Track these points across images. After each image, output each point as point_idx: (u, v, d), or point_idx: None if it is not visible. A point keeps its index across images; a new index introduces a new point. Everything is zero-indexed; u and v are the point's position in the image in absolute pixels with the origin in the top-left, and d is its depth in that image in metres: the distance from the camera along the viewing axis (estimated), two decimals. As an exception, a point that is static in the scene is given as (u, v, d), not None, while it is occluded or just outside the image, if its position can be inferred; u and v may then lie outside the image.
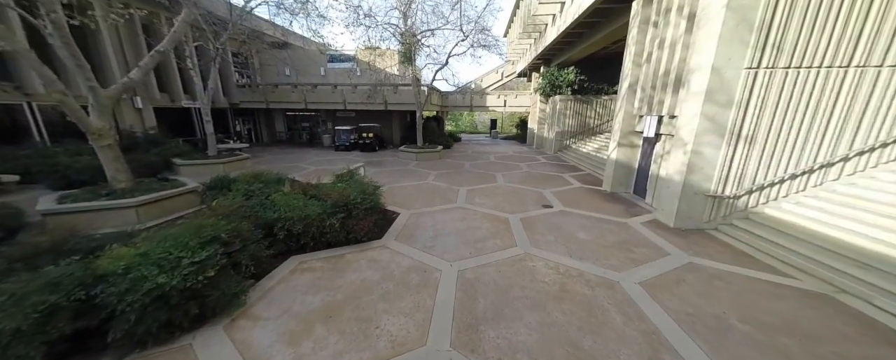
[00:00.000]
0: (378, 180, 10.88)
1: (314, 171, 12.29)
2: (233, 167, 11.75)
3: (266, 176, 7.32)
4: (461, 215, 7.09)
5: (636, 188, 8.75)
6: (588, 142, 16.21)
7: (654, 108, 7.42)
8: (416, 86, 15.28)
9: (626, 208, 7.68)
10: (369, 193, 6.00)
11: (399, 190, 9.34)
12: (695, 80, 5.77)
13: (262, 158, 15.22)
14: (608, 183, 9.30)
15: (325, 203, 5.29)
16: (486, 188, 9.59)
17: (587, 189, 9.56)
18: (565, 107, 16.92)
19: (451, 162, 14.79)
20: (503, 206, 7.76)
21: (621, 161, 8.87)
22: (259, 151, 17.96)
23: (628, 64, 8.40)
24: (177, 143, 12.99)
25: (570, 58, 16.39)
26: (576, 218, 6.88)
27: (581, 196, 8.74)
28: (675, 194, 6.22)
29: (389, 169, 12.82)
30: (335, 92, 18.45)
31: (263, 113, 22.30)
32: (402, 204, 7.88)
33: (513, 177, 11.30)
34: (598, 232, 6.06)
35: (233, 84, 18.68)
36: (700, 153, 5.82)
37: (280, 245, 4.92)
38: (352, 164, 14.43)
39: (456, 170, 12.71)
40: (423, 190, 9.36)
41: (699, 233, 6.04)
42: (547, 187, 9.83)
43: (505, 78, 27.19)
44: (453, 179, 10.94)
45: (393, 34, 13.54)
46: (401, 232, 6.05)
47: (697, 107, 5.68)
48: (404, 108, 18.75)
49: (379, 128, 20.45)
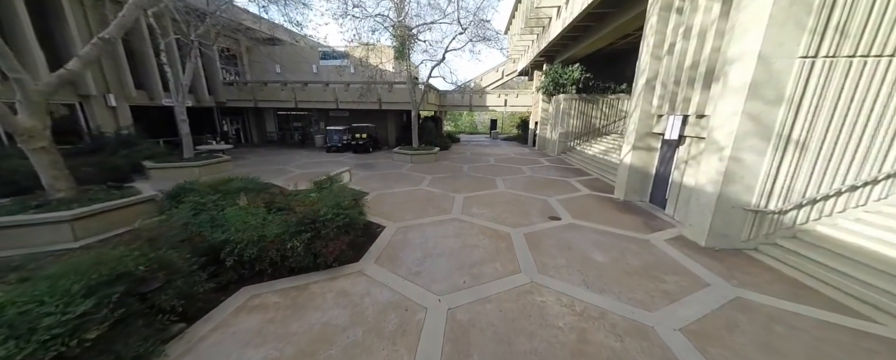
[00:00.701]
0: (367, 186, 10.02)
1: (299, 175, 11.35)
2: (210, 171, 10.83)
3: (233, 183, 6.37)
4: (456, 228, 6.14)
5: (653, 197, 7.81)
6: (594, 144, 15.27)
7: (677, 106, 6.48)
8: (411, 84, 14.33)
9: (645, 220, 6.74)
10: (346, 206, 5.04)
11: (388, 197, 8.39)
12: (734, 72, 4.82)
13: (247, 161, 14.28)
14: (621, 190, 8.35)
15: (290, 220, 4.35)
16: (486, 196, 8.64)
17: (597, 197, 8.61)
18: (569, 106, 15.98)
19: (448, 165, 13.85)
20: (504, 217, 6.81)
21: (636, 166, 7.92)
22: (246, 152, 17.02)
23: (646, 57, 7.46)
24: (151, 144, 12.05)
25: (575, 54, 15.45)
26: (588, 233, 5.93)
27: (591, 205, 7.79)
28: (706, 207, 5.27)
29: (381, 172, 11.87)
30: (326, 90, 17.52)
31: (253, 112, 21.36)
32: (390, 215, 6.93)
33: (514, 182, 10.36)
34: (618, 252, 5.11)
35: (219, 82, 17.74)
36: (740, 160, 4.87)
37: (229, 274, 3.98)
38: (340, 166, 13.51)
39: (453, 174, 11.77)
40: (415, 197, 8.41)
41: (737, 255, 5.09)
42: (552, 193, 8.88)
43: (505, 76, 26.25)
44: (449, 184, 9.99)
45: (385, 27, 12.59)
46: (383, 252, 5.09)
47: (738, 104, 4.73)
48: (400, 107, 17.81)
49: (373, 128, 19.49)
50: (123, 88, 13.10)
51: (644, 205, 7.81)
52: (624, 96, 15.68)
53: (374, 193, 8.88)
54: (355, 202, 6.06)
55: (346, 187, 7.67)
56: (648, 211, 7.34)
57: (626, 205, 7.84)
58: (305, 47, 19.92)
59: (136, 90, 13.64)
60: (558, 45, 15.61)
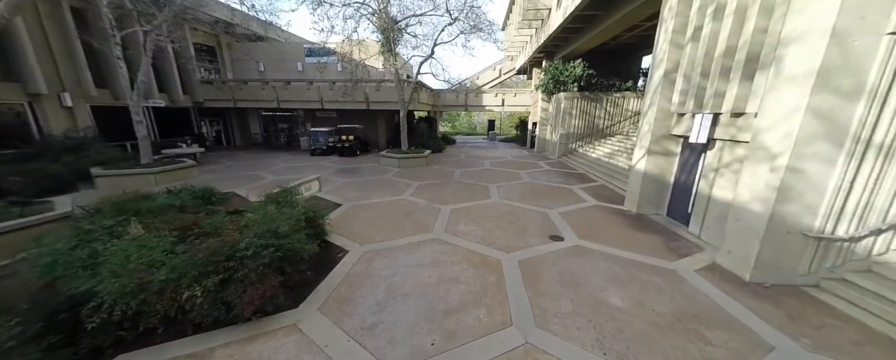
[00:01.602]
0: (342, 195, 8.77)
1: (271, 182, 10.17)
2: (169, 178, 9.67)
3: (157, 200, 5.20)
4: (435, 254, 4.97)
5: (672, 210, 6.64)
6: (597, 146, 14.11)
7: (705, 103, 5.32)
8: (399, 81, 13.18)
9: (665, 241, 5.57)
10: (286, 232, 3.87)
11: (363, 210, 7.22)
12: (793, 56, 3.66)
13: (219, 166, 13.10)
14: (633, 201, 7.19)
15: (196, 258, 3.17)
16: (476, 208, 7.47)
17: (605, 209, 7.44)
18: (571, 105, 14.83)
19: (438, 169, 12.68)
20: (496, 237, 5.64)
21: (651, 174, 6.76)
22: (224, 155, 15.86)
23: (663, 46, 6.31)
24: (109, 148, 10.89)
25: (577, 49, 14.30)
26: (599, 260, 4.76)
27: (599, 220, 6.63)
28: (752, 231, 4.10)
29: (363, 179, 10.70)
30: (310, 89, 16.36)
31: (236, 113, 20.20)
32: (359, 234, 5.76)
33: (510, 190, 9.19)
34: (639, 290, 3.94)
35: (196, 80, 16.59)
36: (800, 171, 3.71)
37: (99, 337, 2.81)
38: (321, 171, 12.34)
39: (442, 180, 10.60)
40: (394, 210, 7.24)
41: (795, 294, 3.92)
42: (553, 204, 7.71)
43: (503, 75, 25.12)
44: (436, 193, 8.82)
45: (363, 15, 11.44)
46: (335, 292, 3.92)
47: (798, 98, 3.57)
48: (389, 107, 16.65)
49: (362, 129, 18.34)
50: (81, 86, 11.93)
51: (661, 220, 6.64)
52: (630, 95, 14.53)
53: (348, 204, 7.71)
54: (309, 223, 4.91)
55: (307, 200, 6.53)
56: (668, 228, 6.17)
57: (639, 220, 6.67)
58: (290, 44, 18.78)
59: (98, 89, 12.46)
60: (558, 40, 14.46)
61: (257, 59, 18.86)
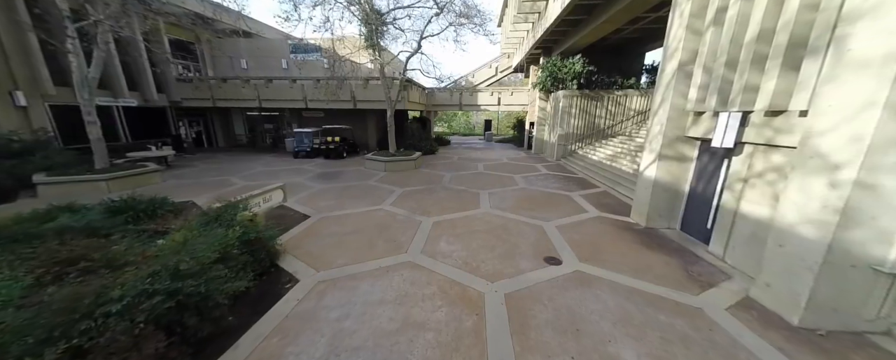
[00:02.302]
0: (314, 204, 7.67)
1: (241, 188, 9.26)
2: (126, 184, 8.74)
3: (52, 222, 4.27)
4: (404, 284, 4.05)
5: (687, 224, 5.74)
6: (598, 147, 13.22)
7: (732, 99, 4.41)
8: (384, 78, 12.25)
9: (683, 263, 4.66)
10: (189, 272, 2.93)
11: (332, 224, 6.30)
12: (864, 34, 2.76)
13: (190, 170, 12.16)
14: (641, 213, 6.28)
15: (37, 319, 2.24)
16: (462, 220, 6.56)
17: (609, 222, 6.53)
18: (570, 104, 13.93)
19: (427, 173, 11.76)
20: (481, 260, 4.72)
21: (663, 182, 5.86)
22: (201, 158, 14.90)
23: (677, 32, 5.40)
24: (60, 151, 9.94)
25: (576, 44, 13.40)
26: (606, 294, 3.85)
27: (603, 236, 5.72)
28: (803, 261, 3.20)
29: (343, 184, 9.78)
30: (294, 87, 15.41)
31: (219, 113, 19.25)
32: (319, 256, 4.84)
33: (503, 198, 8.27)
34: (659, 343, 3.03)
35: (172, 78, 15.62)
36: (874, 188, 2.81)
37: None
38: (300, 175, 11.41)
39: (430, 186, 9.68)
40: (368, 223, 6.33)
41: (861, 344, 3.02)
42: (550, 216, 6.81)
43: (499, 73, 24.22)
44: (420, 202, 7.91)
45: (346, 8, 10.51)
46: (260, 346, 2.99)
47: (876, 89, 2.67)
48: (378, 106, 15.71)
49: (349, 130, 17.42)
50: (38, 83, 10.96)
51: (674, 235, 5.74)
52: (633, 93, 13.64)
53: (317, 216, 6.79)
54: (251, 246, 3.99)
55: (264, 213, 5.61)
56: (683, 246, 5.26)
57: (649, 236, 5.76)
58: (274, 40, 17.83)
59: (58, 87, 11.49)
60: (556, 34, 13.56)
61: (240, 56, 17.91)
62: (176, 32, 16.77)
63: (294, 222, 6.44)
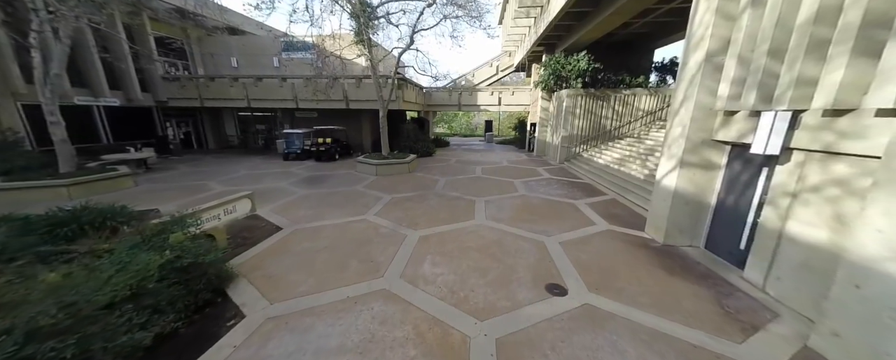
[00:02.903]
0: (291, 214, 6.73)
1: (218, 193, 8.53)
2: (91, 190, 8.04)
3: None
4: (372, 323, 3.28)
5: (714, 243, 4.92)
6: (604, 150, 12.39)
7: (778, 96, 3.60)
8: (376, 76, 11.50)
9: (715, 294, 3.85)
10: (61, 323, 2.18)
11: (305, 238, 5.53)
12: None
13: (172, 172, 11.47)
14: (658, 228, 5.47)
15: None
16: (453, 234, 5.77)
17: (621, 237, 5.72)
18: (574, 104, 13.11)
19: (421, 178, 10.99)
20: (470, 288, 3.94)
21: (684, 193, 5.04)
22: (188, 160, 14.22)
23: (704, 17, 4.59)
24: (18, 153, 9.25)
25: (580, 40, 12.58)
26: (624, 339, 3.05)
27: (616, 256, 4.91)
28: (893, 311, 2.38)
29: (327, 190, 9.03)
30: (284, 86, 14.70)
31: (209, 113, 18.60)
32: (279, 281, 4.07)
33: (501, 207, 7.47)
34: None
35: (157, 77, 14.97)
36: None
37: None
38: (286, 179, 10.67)
39: (422, 192, 8.91)
40: (346, 237, 5.56)
41: None
42: (553, 228, 6.01)
43: (500, 72, 23.41)
44: (409, 211, 7.13)
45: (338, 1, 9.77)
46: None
47: None
48: (372, 106, 14.96)
49: (342, 131, 16.70)
50: (7, 82, 10.31)
51: (698, 255, 4.92)
52: (641, 92, 12.79)
53: (290, 228, 6.04)
54: (184, 276, 3.24)
55: (219, 228, 4.86)
56: (712, 271, 4.44)
57: (670, 256, 4.95)
58: (266, 38, 17.14)
59: (31, 86, 10.83)
60: (560, 28, 12.75)
61: (230, 54, 17.25)
62: (163, 30, 16.14)
63: (263, 235, 5.69)
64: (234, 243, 5.36)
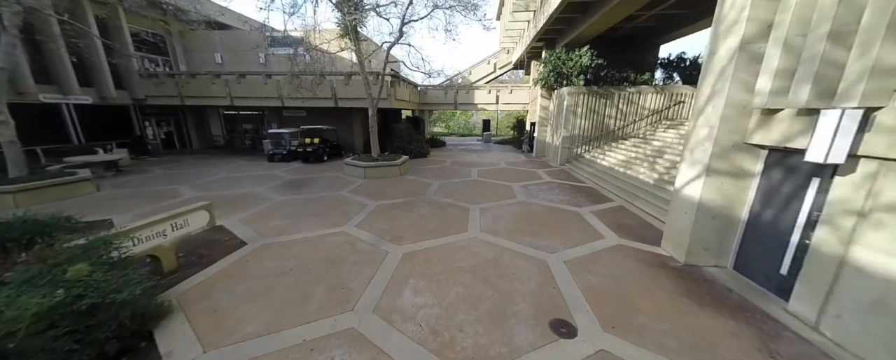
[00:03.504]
0: (260, 225, 5.95)
1: (186, 200, 7.76)
2: (43, 196, 7.24)
3: None
4: (328, 384, 2.53)
5: (746, 264, 4.21)
6: (608, 151, 11.68)
7: (845, 90, 2.88)
8: (364, 72, 10.73)
9: (758, 333, 3.13)
10: None
11: (271, 255, 4.77)
12: None
13: (143, 176, 10.67)
14: (678, 244, 4.75)
15: None
16: (442, 251, 5.03)
17: (636, 254, 4.99)
18: (575, 102, 12.39)
19: (412, 182, 10.24)
20: (457, 326, 3.20)
21: (710, 204, 4.32)
22: (167, 161, 13.40)
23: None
24: None
25: (582, 34, 11.86)
26: (654, 409, 2.32)
27: (631, 280, 4.18)
28: None
29: (308, 196, 8.26)
30: (268, 83, 13.89)
31: (193, 112, 17.75)
32: (222, 316, 3.32)
33: (497, 217, 6.74)
34: None
35: (134, 73, 14.12)
36: None
37: None
38: (266, 183, 9.88)
39: (412, 198, 8.16)
40: (317, 255, 4.81)
41: None
42: (557, 243, 5.28)
43: (498, 69, 22.67)
44: (394, 221, 6.38)
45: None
46: None
47: None
48: (363, 104, 14.19)
49: (332, 131, 15.91)
50: (-41, 77, 9.45)
51: (727, 277, 4.20)
52: (647, 89, 12.08)
53: (256, 242, 5.28)
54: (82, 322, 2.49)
55: (165, 246, 4.11)
56: (748, 302, 3.72)
57: (694, 278, 4.23)
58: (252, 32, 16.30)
59: (-11, 81, 9.99)
60: (561, 22, 12.02)
61: (214, 50, 16.41)
62: (143, 24, 15.27)
63: (223, 252, 4.93)
64: (187, 263, 4.61)
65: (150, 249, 4.17)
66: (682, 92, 11.90)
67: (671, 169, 8.02)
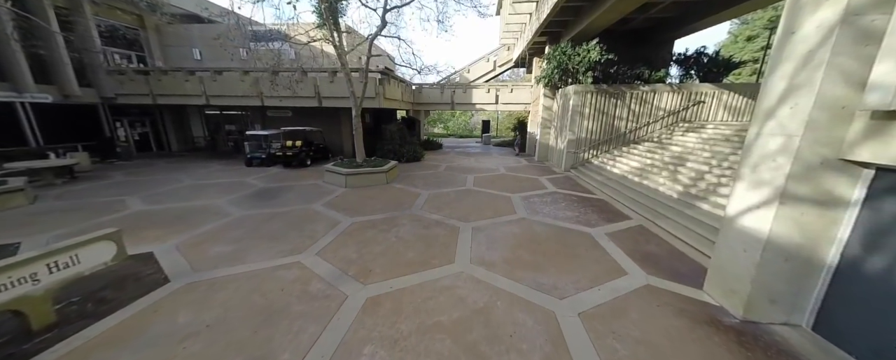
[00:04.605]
0: (199, 252, 4.71)
1: (131, 215, 6.62)
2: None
3: None
4: None
5: (832, 324, 3.02)
6: (619, 157, 10.49)
7: None
8: (346, 69, 9.58)
9: None
10: None
11: (190, 301, 3.60)
12: None
13: (96, 184, 9.54)
14: (731, 291, 3.56)
15: None
16: (419, 292, 3.86)
17: (671, 301, 3.80)
18: (582, 102, 11.20)
19: (399, 191, 9.07)
20: None
21: (783, 242, 3.13)
22: (135, 165, 12.27)
23: (836, -51, 2.66)
24: None
25: (590, 27, 10.66)
26: None
27: (673, 347, 3.00)
28: None
29: (273, 210, 7.10)
30: (246, 80, 12.74)
31: (172, 112, 16.63)
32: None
33: (492, 241, 5.56)
34: None
35: (101, 70, 12.99)
36: None
37: None
38: (231, 193, 8.72)
39: (394, 213, 6.99)
40: (247, 304, 3.64)
41: None
42: (566, 281, 4.10)
43: (498, 68, 21.46)
44: (366, 246, 5.21)
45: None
46: None
47: None
48: (349, 104, 13.05)
49: (319, 133, 14.76)
50: None
51: (805, 343, 3.01)
52: (662, 88, 10.88)
53: (184, 279, 4.13)
54: None
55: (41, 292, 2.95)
56: (854, 391, 2.54)
57: (759, 343, 3.04)
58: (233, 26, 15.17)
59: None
60: (567, 12, 10.83)
61: (192, 45, 15.29)
62: (114, 16, 14.17)
63: (133, 296, 3.77)
64: (76, 314, 3.45)
65: (10, 302, 3.03)
66: (702, 91, 10.69)
67: (698, 180, 6.83)
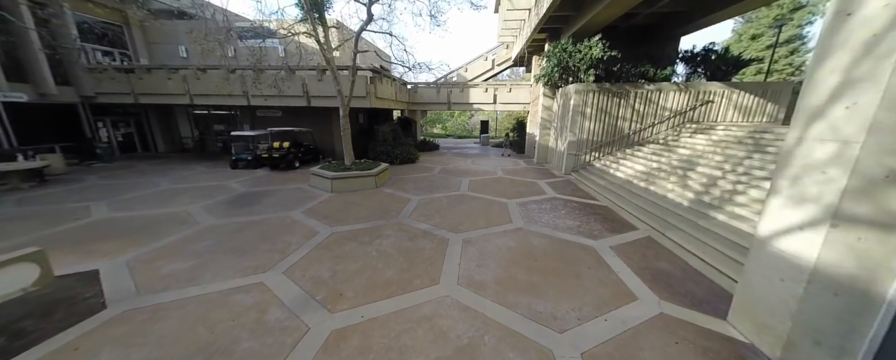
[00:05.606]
0: (158, 268, 4.13)
1: (85, 226, 6.05)
2: None
3: None
4: None
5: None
6: (623, 160, 9.91)
7: None
8: (333, 66, 9.01)
9: None
10: None
11: (124, 332, 3.03)
12: None
13: (64, 188, 8.97)
14: (766, 328, 2.98)
15: None
16: (394, 322, 3.28)
17: (689, 334, 3.22)
18: (584, 102, 10.62)
19: (388, 196, 8.49)
20: None
21: (833, 271, 2.55)
22: (114, 168, 11.70)
23: None
24: None
25: (591, 22, 10.10)
26: None
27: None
28: None
29: (248, 218, 6.52)
30: (231, 79, 12.17)
31: (158, 111, 16.05)
32: None
33: (484, 257, 4.98)
34: None
35: (79, 67, 12.42)
36: None
37: None
38: (208, 198, 8.12)
39: (378, 222, 6.41)
40: (190, 338, 3.06)
41: None
42: (567, 307, 3.53)
43: (496, 66, 20.88)
44: (342, 262, 4.64)
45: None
46: None
47: None
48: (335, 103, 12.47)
49: (309, 133, 14.20)
50: None
51: (869, 402, 2.43)
52: (669, 87, 10.31)
53: (122, 304, 3.56)
54: None
55: None
56: None
57: (808, 401, 2.46)
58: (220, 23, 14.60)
59: None
60: (568, 7, 10.24)
61: (178, 42, 14.72)
62: (96, 12, 13.60)
63: (58, 328, 3.20)
64: (-19, 353, 2.88)
65: None
66: (711, 90, 10.11)
67: (710, 187, 6.26)
